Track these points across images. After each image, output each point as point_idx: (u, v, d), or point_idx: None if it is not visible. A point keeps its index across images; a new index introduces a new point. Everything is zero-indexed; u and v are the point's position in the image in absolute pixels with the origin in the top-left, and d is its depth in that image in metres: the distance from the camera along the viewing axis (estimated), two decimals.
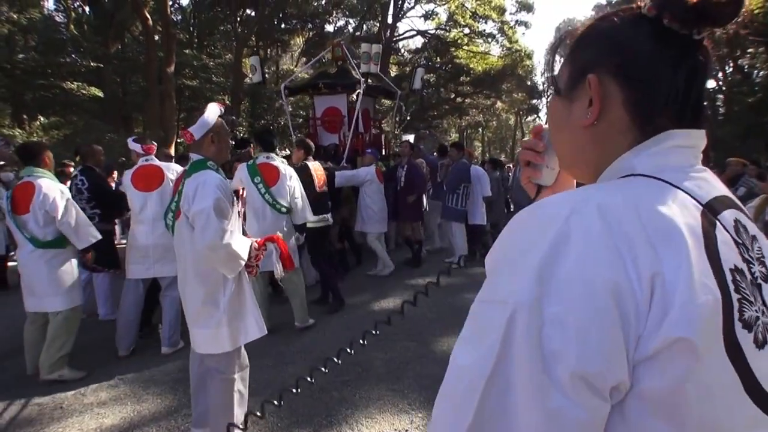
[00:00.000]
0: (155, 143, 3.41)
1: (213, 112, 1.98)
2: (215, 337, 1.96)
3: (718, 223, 0.44)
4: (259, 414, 0.99)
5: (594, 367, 0.37)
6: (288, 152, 6.20)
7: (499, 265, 0.45)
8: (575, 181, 0.66)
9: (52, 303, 2.84)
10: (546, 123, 0.62)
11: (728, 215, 0.46)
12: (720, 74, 18.22)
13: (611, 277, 0.38)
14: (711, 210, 0.45)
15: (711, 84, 18.16)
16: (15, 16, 12.56)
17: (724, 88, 17.27)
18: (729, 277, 0.41)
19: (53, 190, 2.81)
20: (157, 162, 3.37)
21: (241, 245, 1.94)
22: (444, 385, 0.44)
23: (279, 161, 3.62)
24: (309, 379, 0.95)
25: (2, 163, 5.60)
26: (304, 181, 3.83)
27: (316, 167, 4.29)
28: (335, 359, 0.94)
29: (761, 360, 0.41)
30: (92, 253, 3.03)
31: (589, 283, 0.38)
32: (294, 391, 0.92)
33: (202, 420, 2.11)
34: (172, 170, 3.38)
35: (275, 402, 0.91)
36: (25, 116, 13.93)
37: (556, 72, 0.56)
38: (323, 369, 0.93)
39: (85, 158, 3.83)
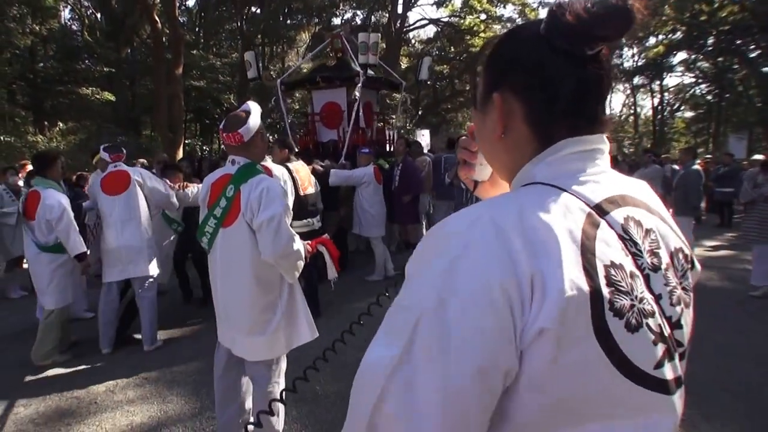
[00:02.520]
0: (124, 151, 3.52)
1: (258, 111, 1.92)
2: (271, 343, 1.91)
3: (603, 222, 0.49)
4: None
5: (489, 353, 0.43)
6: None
7: (410, 275, 0.51)
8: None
9: (47, 301, 3.22)
10: None
11: (618, 214, 0.51)
12: None
13: (502, 276, 0.44)
14: (599, 210, 0.50)
15: None
16: (37, 28, 12.98)
17: None
18: (602, 273, 0.46)
19: (54, 201, 3.15)
20: (124, 167, 3.47)
21: (302, 248, 1.91)
22: (355, 379, 0.49)
23: (270, 162, 3.59)
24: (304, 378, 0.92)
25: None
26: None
27: (298, 168, 4.02)
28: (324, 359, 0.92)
29: (633, 341, 0.47)
30: (86, 261, 3.33)
31: (485, 281, 0.44)
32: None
33: (227, 429, 2.07)
34: (138, 174, 3.47)
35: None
36: (46, 123, 14.42)
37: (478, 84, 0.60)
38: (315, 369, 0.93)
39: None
